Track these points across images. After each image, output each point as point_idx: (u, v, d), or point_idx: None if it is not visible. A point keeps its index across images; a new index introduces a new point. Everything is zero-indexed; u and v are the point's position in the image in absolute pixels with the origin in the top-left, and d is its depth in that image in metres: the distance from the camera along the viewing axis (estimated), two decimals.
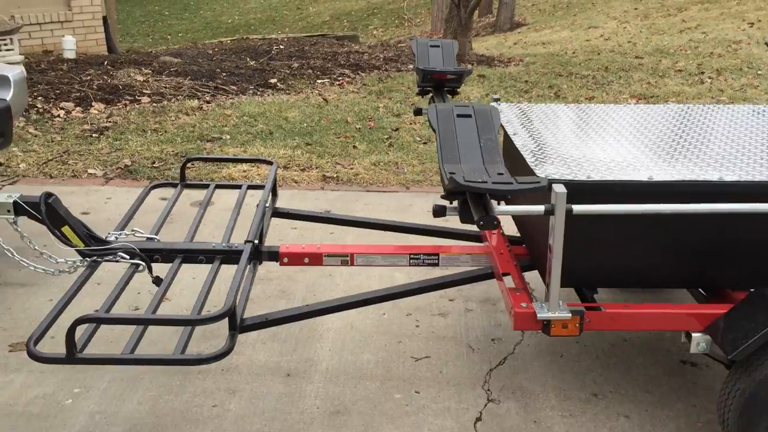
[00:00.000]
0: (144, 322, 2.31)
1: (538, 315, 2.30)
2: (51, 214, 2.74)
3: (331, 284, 3.69)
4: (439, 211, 2.22)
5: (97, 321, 2.23)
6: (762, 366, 2.18)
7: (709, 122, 2.93)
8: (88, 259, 2.80)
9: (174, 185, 3.55)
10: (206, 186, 3.56)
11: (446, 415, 2.71)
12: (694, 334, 2.34)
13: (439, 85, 3.36)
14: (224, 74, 8.37)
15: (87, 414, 2.70)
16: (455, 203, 2.23)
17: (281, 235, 4.18)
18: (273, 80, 8.31)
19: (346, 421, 2.68)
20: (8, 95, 3.41)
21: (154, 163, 5.35)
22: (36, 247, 2.82)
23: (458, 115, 2.41)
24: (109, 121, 6.26)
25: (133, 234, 2.98)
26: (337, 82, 8.47)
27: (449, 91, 3.41)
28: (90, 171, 5.17)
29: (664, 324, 2.36)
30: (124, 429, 2.63)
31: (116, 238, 2.95)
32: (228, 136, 5.98)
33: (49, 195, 2.76)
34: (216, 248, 2.87)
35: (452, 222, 4.29)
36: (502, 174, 2.13)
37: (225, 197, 4.57)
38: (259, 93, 7.77)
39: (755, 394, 2.19)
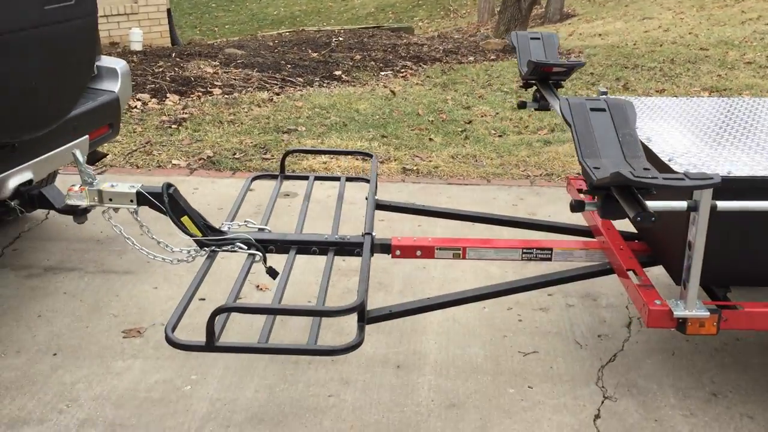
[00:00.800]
0: (279, 312, 2.33)
1: (674, 313, 2.26)
2: (173, 204, 2.78)
3: (427, 277, 3.69)
4: (577, 207, 2.20)
5: (235, 310, 2.25)
6: None
7: None
8: (206, 248, 2.84)
9: (274, 176, 3.57)
10: (305, 178, 3.57)
11: (563, 411, 2.69)
12: None
13: (545, 77, 3.32)
14: (289, 66, 8.42)
15: (208, 400, 2.74)
16: (595, 198, 2.20)
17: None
18: (338, 72, 8.33)
19: (463, 415, 2.68)
20: (117, 87, 3.47)
21: (234, 154, 5.40)
22: (153, 237, 2.87)
23: (591, 109, 2.38)
24: (186, 113, 6.34)
25: (246, 225, 3.01)
26: (401, 74, 8.46)
27: (555, 83, 3.37)
28: (174, 162, 5.24)
29: None
30: (246, 416, 2.66)
31: (229, 228, 2.99)
32: (303, 128, 6.01)
33: (169, 185, 2.80)
34: (329, 240, 2.88)
35: (554, 215, 4.29)
36: (648, 169, 2.10)
37: (315, 189, 4.56)
38: (325, 85, 7.80)
39: None
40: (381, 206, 3.34)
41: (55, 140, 3.17)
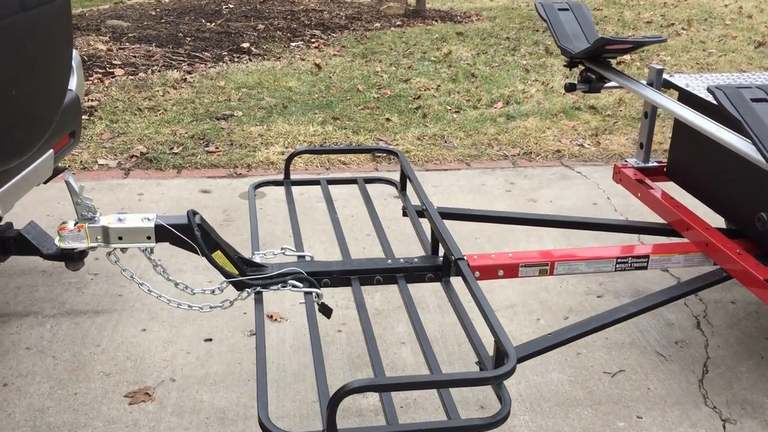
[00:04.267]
0: (431, 386, 1.79)
1: None
2: (205, 237, 2.16)
3: (496, 286, 3.22)
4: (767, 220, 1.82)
5: (372, 389, 1.70)
6: None
7: None
8: (249, 289, 2.24)
9: (278, 183, 2.96)
10: (316, 183, 2.99)
11: None
12: None
13: (598, 54, 2.92)
14: (189, 39, 7.54)
15: None
16: None
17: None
18: (245, 44, 7.55)
19: None
20: (74, 83, 2.68)
21: (172, 148, 4.63)
22: (171, 278, 2.24)
23: (753, 99, 1.99)
24: (92, 100, 5.41)
25: (283, 253, 2.43)
26: (313, 45, 7.81)
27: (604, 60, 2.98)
28: (100, 161, 4.41)
29: None
30: None
31: (261, 258, 2.40)
32: (240, 113, 5.29)
33: (194, 213, 2.18)
34: (393, 266, 2.37)
35: (556, 200, 3.94)
36: None
37: (317, 192, 3.93)
38: (237, 60, 7.02)
39: None
40: (423, 213, 2.84)
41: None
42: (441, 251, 2.37)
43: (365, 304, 2.18)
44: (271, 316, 2.99)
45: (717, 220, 2.89)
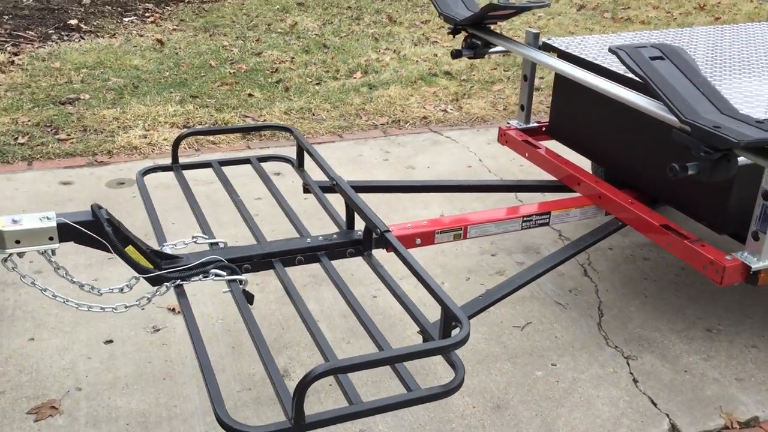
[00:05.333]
0: (390, 361, 1.77)
1: (752, 267, 2.19)
2: (116, 232, 2.02)
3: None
4: (679, 171, 1.96)
5: (338, 371, 1.66)
6: None
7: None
8: (167, 284, 2.12)
9: (167, 168, 2.80)
10: (207, 165, 2.86)
11: (603, 384, 2.53)
12: None
13: (480, 21, 2.99)
14: (6, 17, 6.84)
15: None
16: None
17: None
18: (72, 21, 6.97)
19: (517, 417, 2.38)
20: None
21: (16, 138, 4.21)
22: (75, 280, 2.07)
23: (651, 58, 2.13)
24: None
25: (195, 242, 2.31)
26: (149, 20, 7.37)
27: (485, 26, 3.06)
28: None
29: None
30: None
31: (172, 249, 2.27)
32: (87, 95, 4.90)
33: (99, 206, 2.02)
34: (314, 244, 2.33)
35: (434, 166, 3.99)
36: (762, 122, 1.93)
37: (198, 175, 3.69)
38: (66, 38, 6.48)
39: None
40: (330, 189, 2.79)
41: None
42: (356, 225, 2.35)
43: (291, 286, 2.12)
44: (173, 309, 2.83)
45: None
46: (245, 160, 2.90)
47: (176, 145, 2.76)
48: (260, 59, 5.98)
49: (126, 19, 7.31)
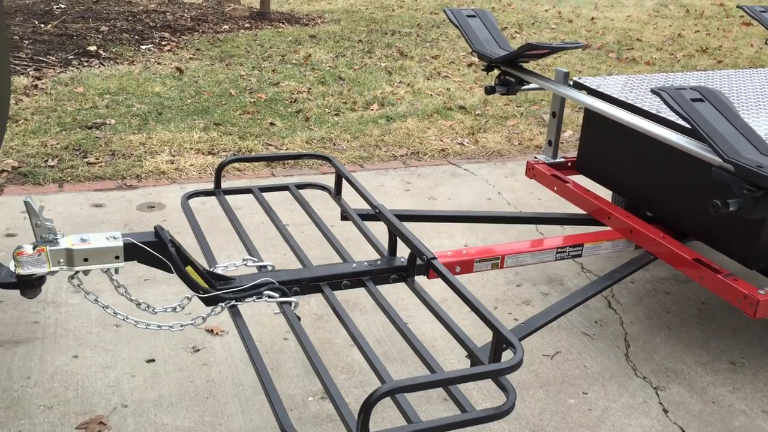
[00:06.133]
0: (448, 382, 1.84)
1: None
2: (179, 252, 2.09)
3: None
4: (721, 207, 2.06)
5: (404, 390, 1.72)
6: None
7: None
8: (222, 304, 2.19)
9: (210, 193, 2.88)
10: (247, 191, 2.94)
11: (635, 413, 2.60)
12: None
13: (514, 59, 3.10)
14: (27, 42, 6.97)
15: None
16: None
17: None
18: (91, 48, 7.10)
19: None
20: None
21: (46, 161, 4.28)
22: (133, 298, 2.14)
23: (692, 99, 2.24)
24: None
25: (245, 264, 2.39)
26: (166, 48, 7.51)
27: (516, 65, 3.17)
28: None
29: None
30: None
31: (224, 270, 2.35)
32: (113, 120, 4.99)
33: (161, 228, 2.10)
34: (359, 270, 2.41)
35: (454, 197, 4.08)
36: None
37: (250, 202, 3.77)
38: (86, 64, 6.60)
39: None
40: (368, 217, 2.88)
41: None
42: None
43: (341, 308, 2.19)
44: (212, 331, 2.89)
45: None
46: (284, 187, 2.98)
47: (219, 171, 2.84)
48: (278, 89, 6.10)
49: (143, 47, 7.45)
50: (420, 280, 2.43)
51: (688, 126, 2.27)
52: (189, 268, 2.14)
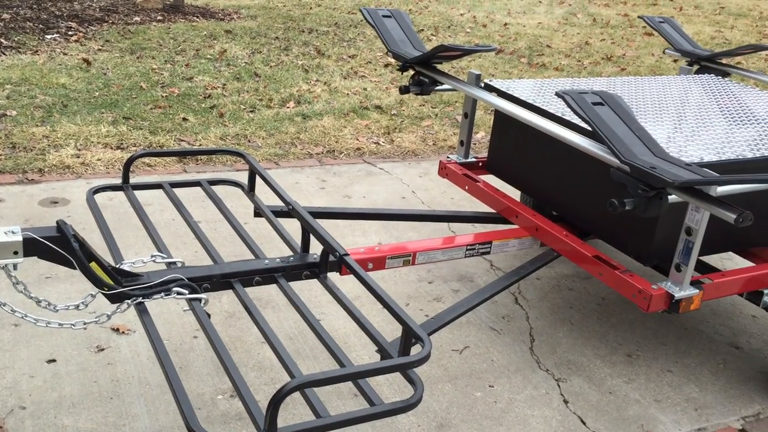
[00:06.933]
0: (357, 376, 1.86)
1: (675, 296, 2.41)
2: (82, 248, 2.05)
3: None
4: (618, 205, 2.17)
5: (313, 385, 1.74)
6: None
7: (664, 94, 3.27)
8: (128, 301, 2.15)
9: (118, 188, 2.81)
10: (158, 186, 2.89)
11: (537, 404, 2.70)
12: (765, 291, 2.68)
13: (428, 60, 3.16)
14: None
15: None
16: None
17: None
18: None
19: None
20: None
21: None
22: (33, 296, 2.08)
23: (593, 103, 2.34)
24: None
25: (153, 261, 2.35)
26: (72, 38, 7.25)
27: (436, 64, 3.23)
28: None
29: (751, 285, 2.65)
30: None
31: (131, 267, 2.31)
32: (14, 112, 4.78)
33: (64, 222, 2.05)
34: (272, 266, 2.41)
35: (369, 195, 4.12)
36: (690, 165, 2.16)
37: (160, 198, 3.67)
38: None
39: None
40: (282, 214, 2.87)
41: None
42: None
43: (252, 305, 2.18)
44: (118, 329, 2.82)
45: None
46: (196, 183, 2.94)
47: (128, 165, 2.77)
48: (192, 84, 5.98)
49: (48, 37, 7.16)
50: (333, 276, 2.45)
51: (589, 128, 2.38)
52: (93, 264, 2.09)
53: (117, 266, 2.22)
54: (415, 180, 4.62)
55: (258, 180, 2.75)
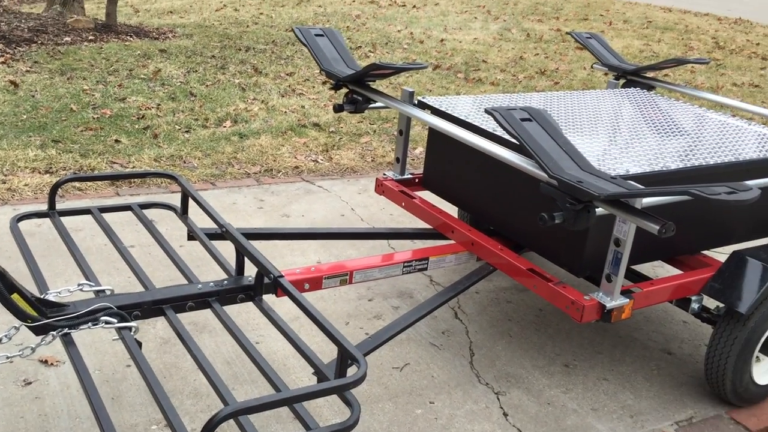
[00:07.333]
0: (292, 401, 1.83)
1: (607, 306, 2.46)
2: (2, 279, 1.98)
3: (276, 301, 3.26)
4: (548, 219, 2.20)
5: (245, 412, 1.70)
6: (753, 316, 2.70)
7: (598, 108, 3.35)
8: (53, 333, 2.08)
9: (44, 215, 2.73)
10: (86, 212, 2.82)
11: (477, 419, 2.71)
12: (693, 297, 2.76)
13: (361, 78, 3.17)
14: None
15: None
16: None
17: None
18: None
19: None
20: None
21: None
22: None
23: (521, 119, 2.38)
24: None
25: (81, 289, 2.29)
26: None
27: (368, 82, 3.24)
28: None
29: (679, 293, 2.73)
30: None
31: (57, 296, 2.24)
32: None
33: None
34: (205, 290, 2.37)
35: (308, 214, 4.09)
36: (615, 178, 2.22)
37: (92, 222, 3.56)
38: None
39: (749, 339, 2.71)
40: (216, 236, 2.83)
41: None
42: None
43: (184, 332, 2.14)
44: (46, 361, 2.72)
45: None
46: (126, 207, 2.87)
47: (54, 190, 2.70)
48: (125, 105, 5.87)
49: None
50: (271, 298, 2.42)
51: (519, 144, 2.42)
52: (15, 296, 2.02)
53: (41, 296, 2.15)
54: (354, 197, 4.61)
55: (193, 202, 2.70)
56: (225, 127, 5.62)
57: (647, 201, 2.39)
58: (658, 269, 3.93)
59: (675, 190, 1.94)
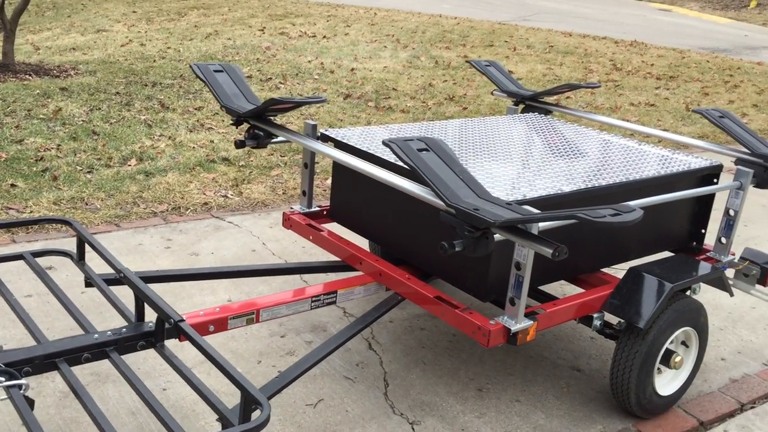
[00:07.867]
0: None
1: (512, 329, 2.50)
2: None
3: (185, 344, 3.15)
4: (448, 248, 2.23)
5: None
6: (651, 329, 2.80)
7: (508, 133, 3.45)
8: None
9: None
10: None
11: None
12: (595, 314, 2.84)
13: (261, 113, 3.15)
14: None
15: None
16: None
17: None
18: None
19: None
20: None
21: None
22: None
23: (418, 149, 2.41)
24: None
25: None
26: None
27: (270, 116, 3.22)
28: None
29: (582, 311, 2.80)
30: None
31: None
32: None
33: None
34: (102, 340, 2.29)
35: (217, 251, 4.00)
36: (510, 203, 2.26)
37: None
38: None
39: (649, 352, 2.81)
40: (116, 281, 2.73)
41: None
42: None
43: (79, 386, 2.05)
44: None
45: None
46: (19, 257, 2.76)
47: None
48: (22, 147, 5.65)
49: None
50: (178, 342, 2.35)
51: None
52: None
53: None
54: (266, 231, 4.56)
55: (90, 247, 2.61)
56: (130, 165, 5.48)
57: (544, 225, 2.46)
58: (566, 287, 4.04)
59: (563, 214, 2.00)
